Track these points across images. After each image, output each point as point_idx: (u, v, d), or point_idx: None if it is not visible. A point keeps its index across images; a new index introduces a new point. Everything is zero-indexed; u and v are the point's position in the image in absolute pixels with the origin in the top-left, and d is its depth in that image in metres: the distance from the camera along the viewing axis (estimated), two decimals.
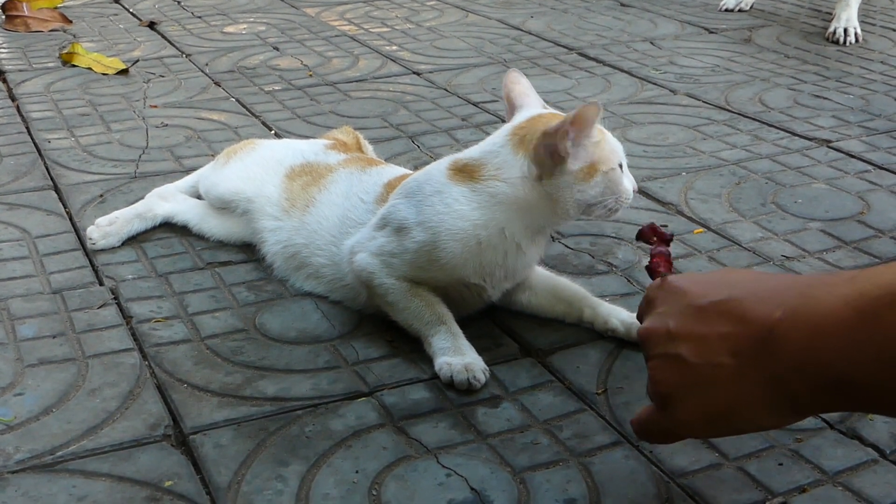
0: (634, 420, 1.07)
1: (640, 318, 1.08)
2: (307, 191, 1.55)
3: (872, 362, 0.82)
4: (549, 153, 1.32)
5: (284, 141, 1.92)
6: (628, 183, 1.37)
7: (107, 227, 1.67)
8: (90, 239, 1.66)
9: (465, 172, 1.37)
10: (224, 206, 1.67)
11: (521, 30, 3.09)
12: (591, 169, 1.33)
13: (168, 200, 1.74)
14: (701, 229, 1.75)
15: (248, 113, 2.34)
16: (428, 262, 1.37)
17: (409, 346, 1.40)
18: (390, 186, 1.47)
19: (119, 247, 1.67)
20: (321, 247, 1.50)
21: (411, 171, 1.54)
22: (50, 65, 2.71)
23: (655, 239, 1.20)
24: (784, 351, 0.88)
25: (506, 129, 1.39)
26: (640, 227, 1.20)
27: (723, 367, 0.93)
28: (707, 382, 0.94)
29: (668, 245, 1.19)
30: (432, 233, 1.35)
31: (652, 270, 1.15)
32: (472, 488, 1.13)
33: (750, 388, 0.92)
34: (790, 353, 0.87)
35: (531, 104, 1.43)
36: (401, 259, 1.38)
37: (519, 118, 1.40)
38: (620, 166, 1.36)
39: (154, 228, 1.72)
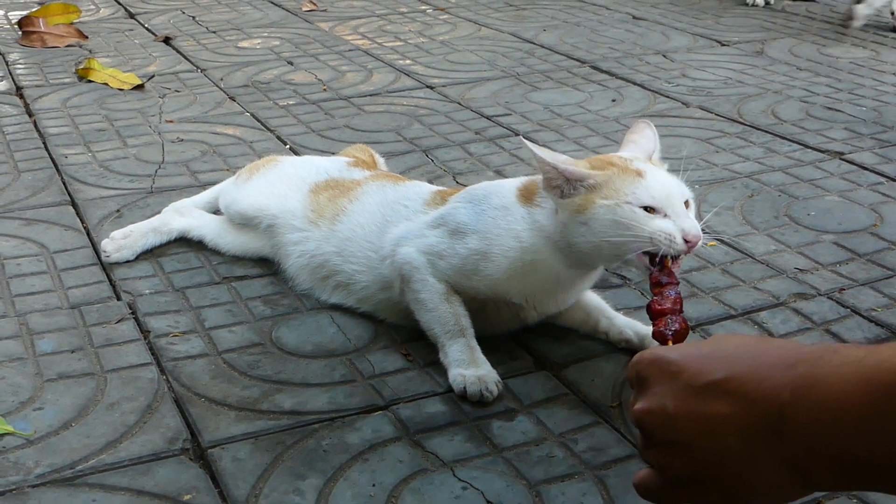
0: (639, 485, 1.01)
1: (630, 387, 1.02)
2: (336, 202, 1.56)
3: (892, 454, 0.78)
4: (546, 184, 1.32)
5: (306, 158, 1.93)
6: (665, 224, 1.26)
7: (121, 241, 1.69)
8: (104, 252, 1.68)
9: (529, 194, 1.37)
10: (246, 222, 1.68)
11: (534, 43, 3.10)
12: (586, 201, 1.29)
13: (184, 215, 1.76)
14: (714, 242, 1.76)
15: (262, 127, 2.35)
16: (474, 271, 1.38)
17: (425, 359, 1.41)
18: (442, 193, 1.49)
19: (136, 261, 1.68)
20: (355, 253, 1.51)
21: (441, 187, 1.57)
22: (66, 80, 2.73)
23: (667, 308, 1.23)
24: (796, 435, 0.84)
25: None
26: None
27: (731, 451, 0.88)
28: (715, 466, 0.90)
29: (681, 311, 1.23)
30: (487, 244, 1.36)
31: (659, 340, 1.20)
32: (488, 501, 1.14)
33: (761, 469, 0.88)
34: (803, 437, 0.84)
35: (630, 151, 1.41)
36: (447, 262, 1.39)
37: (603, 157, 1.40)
38: (649, 208, 1.27)
39: (170, 243, 1.74)
